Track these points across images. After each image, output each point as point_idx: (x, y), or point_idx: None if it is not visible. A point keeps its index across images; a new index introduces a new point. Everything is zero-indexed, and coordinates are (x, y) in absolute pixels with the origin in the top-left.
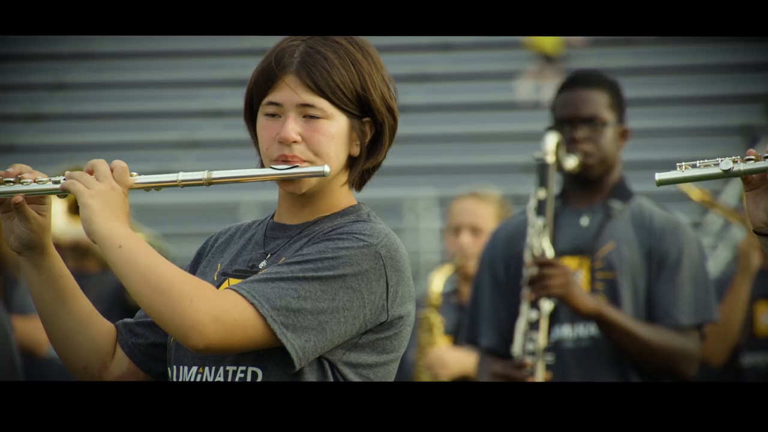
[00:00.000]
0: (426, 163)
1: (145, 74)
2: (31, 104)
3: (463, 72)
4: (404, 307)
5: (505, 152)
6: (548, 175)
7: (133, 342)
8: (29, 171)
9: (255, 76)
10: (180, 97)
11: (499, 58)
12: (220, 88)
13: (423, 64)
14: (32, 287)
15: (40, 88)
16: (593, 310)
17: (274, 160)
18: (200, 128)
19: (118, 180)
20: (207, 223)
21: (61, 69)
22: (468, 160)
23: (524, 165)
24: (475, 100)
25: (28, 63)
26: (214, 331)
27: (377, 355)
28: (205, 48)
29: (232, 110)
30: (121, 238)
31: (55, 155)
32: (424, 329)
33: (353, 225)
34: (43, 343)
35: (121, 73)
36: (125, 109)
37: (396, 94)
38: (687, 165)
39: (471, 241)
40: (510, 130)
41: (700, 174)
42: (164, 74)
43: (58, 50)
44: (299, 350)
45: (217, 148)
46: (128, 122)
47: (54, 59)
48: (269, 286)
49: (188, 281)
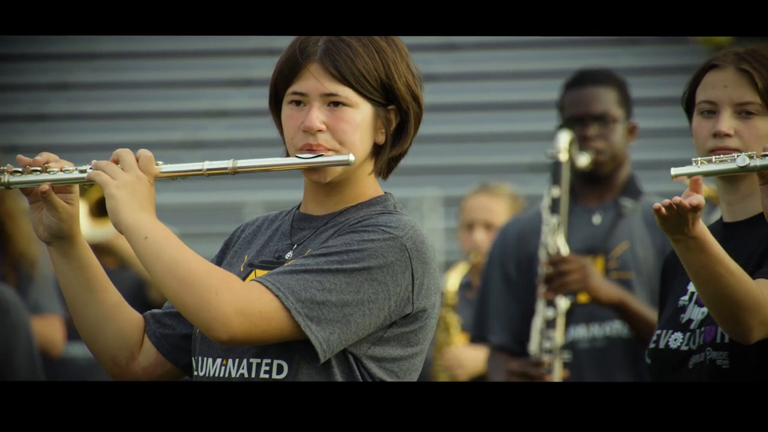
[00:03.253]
0: (431, 163)
1: (148, 74)
2: (34, 104)
3: (468, 72)
4: (429, 300)
5: (511, 152)
6: (561, 173)
7: (161, 332)
8: (56, 160)
9: (279, 66)
10: (184, 97)
11: (503, 58)
12: (224, 88)
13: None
14: (61, 277)
15: (43, 88)
16: (616, 300)
17: (299, 149)
18: (204, 128)
19: (144, 169)
20: (211, 223)
21: (64, 69)
22: (473, 160)
23: (531, 165)
24: (480, 100)
25: (30, 63)
26: (239, 323)
27: (402, 349)
28: (210, 47)
29: (236, 110)
30: (147, 229)
31: (58, 156)
32: (441, 328)
33: (379, 217)
34: (58, 344)
35: (124, 72)
36: (129, 109)
37: (421, 81)
38: (703, 160)
39: (485, 237)
40: (516, 129)
41: (716, 169)
42: (168, 74)
43: (61, 50)
44: (323, 342)
45: (222, 148)
46: (132, 122)
47: (57, 59)
48: (294, 278)
49: (214, 273)
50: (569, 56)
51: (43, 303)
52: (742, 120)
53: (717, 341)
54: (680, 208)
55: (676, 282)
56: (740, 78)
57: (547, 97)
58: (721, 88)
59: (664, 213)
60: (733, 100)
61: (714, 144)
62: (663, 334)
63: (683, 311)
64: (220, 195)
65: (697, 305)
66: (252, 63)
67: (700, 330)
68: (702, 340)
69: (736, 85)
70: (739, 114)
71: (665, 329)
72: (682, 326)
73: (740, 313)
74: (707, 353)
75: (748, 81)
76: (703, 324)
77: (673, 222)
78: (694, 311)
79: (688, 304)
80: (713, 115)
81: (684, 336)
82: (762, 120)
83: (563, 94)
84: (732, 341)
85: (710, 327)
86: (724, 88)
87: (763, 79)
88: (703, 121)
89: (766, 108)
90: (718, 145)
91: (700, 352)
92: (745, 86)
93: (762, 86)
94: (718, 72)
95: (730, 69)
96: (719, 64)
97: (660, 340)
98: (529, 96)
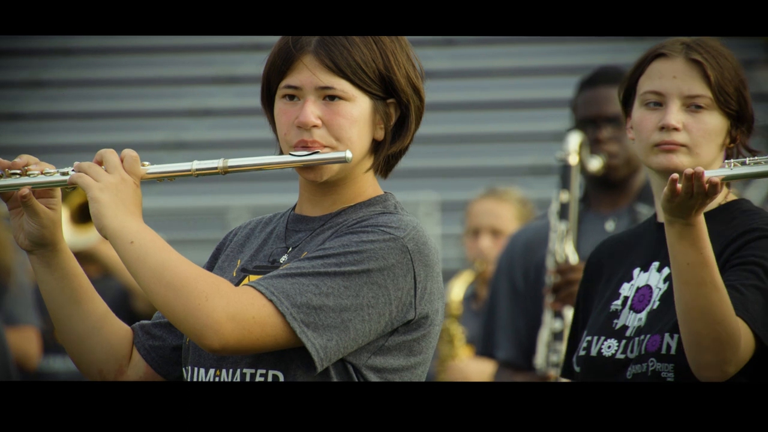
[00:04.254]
0: (427, 165)
1: (128, 71)
2: (7, 103)
3: (466, 68)
4: (433, 305)
5: (511, 154)
6: (571, 177)
7: (150, 344)
8: (36, 162)
9: (271, 58)
10: (166, 95)
11: (504, 53)
12: (208, 85)
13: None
14: (44, 287)
15: (17, 86)
16: None
17: (293, 146)
18: (187, 129)
19: (129, 170)
20: (194, 229)
21: (39, 65)
22: (472, 162)
23: (533, 167)
24: (479, 98)
25: (3, 59)
26: (231, 330)
27: (404, 358)
28: (193, 43)
29: (221, 109)
30: (133, 234)
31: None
32: (445, 341)
33: (379, 217)
34: (33, 356)
35: (102, 69)
36: (107, 108)
37: (422, 73)
38: (736, 162)
39: (491, 244)
40: (517, 130)
41: (749, 172)
42: (148, 71)
43: (35, 46)
44: (320, 350)
45: (206, 149)
46: (110, 122)
47: (31, 55)
48: (289, 281)
49: (203, 277)
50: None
51: (18, 314)
52: (690, 114)
53: (662, 352)
54: (698, 181)
55: (603, 285)
56: (690, 69)
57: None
58: (670, 78)
59: (677, 188)
60: (682, 92)
61: (660, 138)
62: (594, 340)
63: (616, 317)
64: (203, 199)
65: (633, 311)
66: (238, 59)
67: (639, 338)
68: (643, 349)
69: (686, 76)
70: (687, 107)
71: (597, 335)
72: (616, 333)
73: (716, 338)
74: (650, 364)
75: (699, 73)
76: (642, 332)
77: (681, 199)
78: (630, 317)
79: (622, 309)
80: (659, 107)
81: (619, 343)
82: (710, 115)
83: (577, 93)
84: (679, 353)
85: (654, 336)
86: (673, 78)
87: (715, 72)
88: (648, 113)
89: (715, 102)
90: (664, 139)
91: (642, 362)
92: (696, 78)
93: (714, 79)
94: (666, 61)
95: (679, 59)
96: (667, 53)
97: (591, 347)
98: (532, 94)
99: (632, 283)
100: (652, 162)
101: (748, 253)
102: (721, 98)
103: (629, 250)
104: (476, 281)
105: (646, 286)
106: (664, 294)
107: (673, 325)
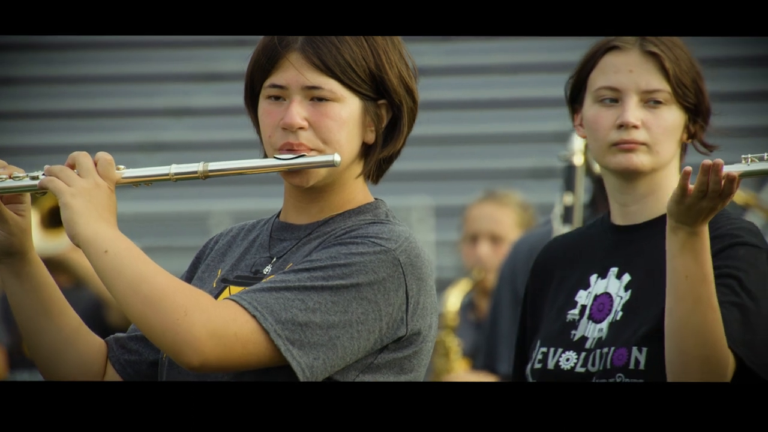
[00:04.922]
0: (420, 167)
1: (102, 67)
2: None
3: (462, 65)
4: (425, 321)
5: (510, 155)
6: (576, 179)
7: (126, 359)
8: (4, 165)
9: (256, 55)
10: (141, 93)
11: (502, 49)
12: (188, 83)
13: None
14: (12, 299)
15: None
16: None
17: (278, 149)
18: (165, 129)
19: (103, 175)
20: (172, 236)
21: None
22: (468, 164)
23: (533, 170)
24: (476, 97)
25: None
26: (212, 347)
27: (395, 377)
28: (171, 38)
29: (201, 108)
30: (107, 242)
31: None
32: (440, 354)
33: (369, 227)
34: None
35: (74, 66)
36: (80, 107)
37: (416, 72)
38: (753, 158)
39: (490, 251)
40: (516, 130)
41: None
42: (123, 67)
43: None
44: (306, 369)
45: (184, 150)
46: (83, 122)
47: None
48: (273, 296)
49: (182, 290)
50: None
51: None
52: (649, 110)
53: (630, 367)
54: (715, 176)
55: (554, 291)
56: (647, 62)
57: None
58: (626, 73)
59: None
60: (639, 87)
61: (618, 136)
62: (551, 352)
63: (574, 327)
64: (182, 204)
65: (592, 321)
66: (219, 55)
67: (601, 350)
68: (608, 363)
69: (642, 69)
70: (645, 103)
71: (554, 347)
72: (574, 345)
73: (705, 360)
74: (617, 379)
75: (656, 65)
76: (605, 344)
77: (692, 200)
78: (589, 328)
79: (580, 318)
80: (615, 104)
81: (578, 356)
82: (669, 110)
83: None
84: (649, 368)
85: (620, 349)
86: (629, 73)
87: (672, 64)
88: (604, 110)
89: (674, 96)
90: (623, 137)
91: (607, 377)
92: (653, 71)
93: (672, 72)
94: (620, 54)
95: (634, 51)
96: (621, 45)
97: (548, 360)
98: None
99: (589, 290)
100: (610, 162)
101: (721, 264)
102: (680, 92)
103: (581, 253)
104: (474, 290)
105: (605, 294)
106: (627, 303)
107: (641, 337)
